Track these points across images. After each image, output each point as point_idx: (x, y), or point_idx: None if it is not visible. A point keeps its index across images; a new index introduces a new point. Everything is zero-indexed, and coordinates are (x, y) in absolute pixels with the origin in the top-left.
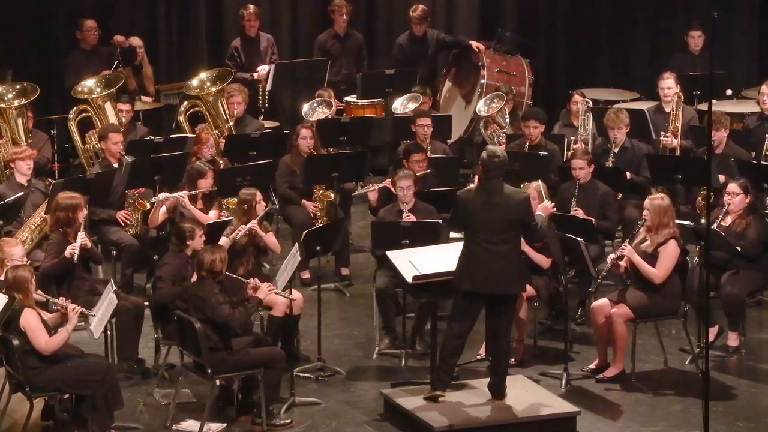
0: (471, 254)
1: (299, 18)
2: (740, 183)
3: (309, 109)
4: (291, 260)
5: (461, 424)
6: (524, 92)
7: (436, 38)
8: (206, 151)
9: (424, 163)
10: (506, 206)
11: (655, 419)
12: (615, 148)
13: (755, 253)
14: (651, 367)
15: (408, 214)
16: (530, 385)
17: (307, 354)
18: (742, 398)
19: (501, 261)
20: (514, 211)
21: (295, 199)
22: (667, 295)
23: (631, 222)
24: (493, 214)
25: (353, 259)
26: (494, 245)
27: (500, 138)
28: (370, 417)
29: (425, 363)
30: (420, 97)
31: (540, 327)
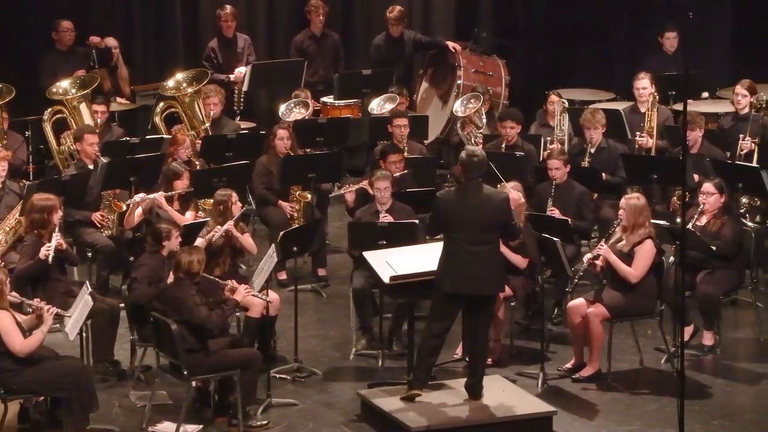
0: (451, 255)
1: (276, 18)
2: (715, 183)
3: (286, 109)
4: (268, 261)
5: (438, 425)
6: (501, 92)
7: (412, 39)
8: (182, 152)
9: (401, 163)
10: (486, 207)
11: (631, 418)
12: (591, 149)
13: (730, 253)
14: (627, 366)
15: (385, 214)
16: (507, 384)
17: (284, 355)
18: (717, 397)
19: (482, 262)
20: (494, 211)
21: (271, 199)
22: (643, 294)
23: (607, 222)
24: (474, 215)
25: (330, 260)
26: (475, 246)
27: (477, 138)
28: (347, 417)
29: (402, 363)
30: (397, 98)
31: (517, 327)
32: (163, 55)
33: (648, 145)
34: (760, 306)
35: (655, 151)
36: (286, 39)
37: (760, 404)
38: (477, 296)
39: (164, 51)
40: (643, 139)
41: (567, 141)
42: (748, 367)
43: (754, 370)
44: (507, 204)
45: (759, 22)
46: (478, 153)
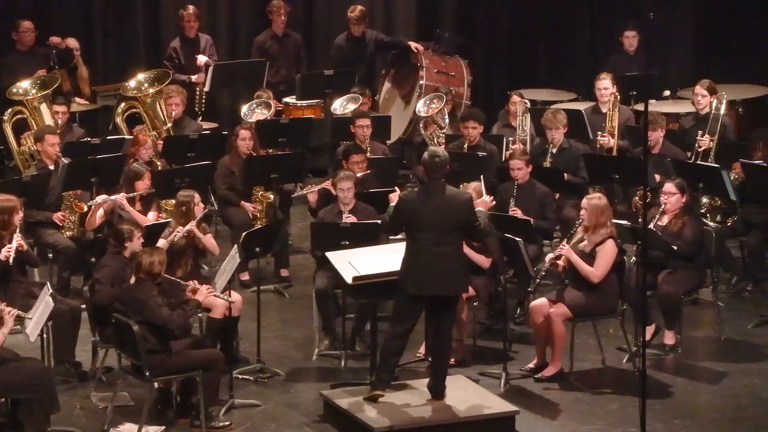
0: (415, 257)
1: (238, 19)
2: (676, 183)
3: (248, 110)
4: (230, 262)
5: (401, 425)
6: (463, 93)
7: (374, 39)
8: (144, 152)
9: (364, 164)
10: (450, 207)
11: (593, 418)
12: (553, 149)
13: (691, 252)
14: (589, 366)
15: (348, 215)
16: (469, 384)
17: (247, 356)
18: (678, 396)
19: (446, 262)
20: (457, 212)
21: (234, 200)
22: (605, 294)
23: (569, 222)
24: (437, 216)
25: (293, 261)
26: (438, 246)
27: (440, 138)
28: (309, 418)
29: (365, 364)
30: (359, 98)
31: (479, 327)
32: (124, 55)
33: (609, 145)
34: (721, 305)
35: (617, 151)
36: (247, 39)
37: (721, 403)
38: (441, 297)
39: (125, 51)
40: (604, 138)
41: (529, 141)
42: (709, 366)
43: (715, 369)
44: (470, 204)
45: (719, 22)
46: (440, 153)
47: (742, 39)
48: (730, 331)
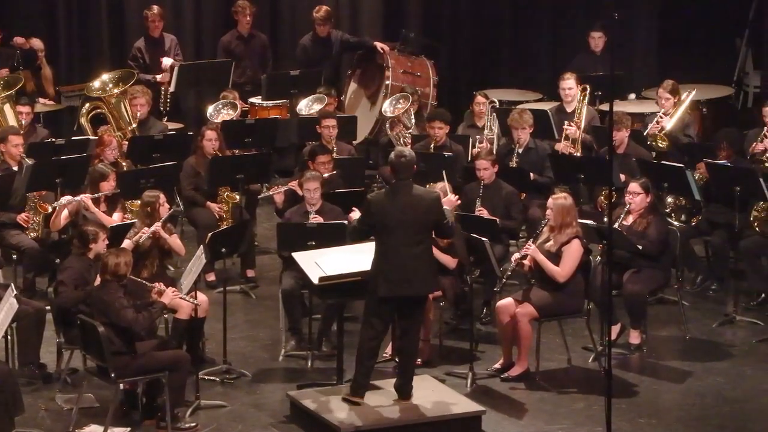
0: (385, 257)
1: (203, 19)
2: (641, 183)
3: (214, 110)
4: (196, 262)
5: (367, 425)
6: (429, 93)
7: (340, 39)
8: (109, 153)
9: (330, 164)
10: (418, 207)
11: (559, 417)
12: (519, 149)
13: (656, 252)
14: (555, 365)
15: (314, 215)
16: (436, 384)
17: (213, 357)
18: (643, 395)
19: (416, 262)
20: (426, 211)
21: (199, 201)
22: (571, 293)
23: (535, 221)
24: (406, 216)
25: (259, 261)
26: (408, 247)
27: (406, 138)
28: (276, 419)
29: (331, 364)
30: (325, 98)
31: (446, 327)
32: (88, 55)
33: (575, 135)
34: (686, 304)
35: (580, 145)
36: (213, 40)
37: (686, 402)
38: (411, 297)
39: (90, 51)
40: (571, 128)
41: (495, 141)
42: (674, 365)
43: (680, 368)
44: (438, 203)
45: (683, 23)
46: (406, 154)
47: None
48: (694, 330)
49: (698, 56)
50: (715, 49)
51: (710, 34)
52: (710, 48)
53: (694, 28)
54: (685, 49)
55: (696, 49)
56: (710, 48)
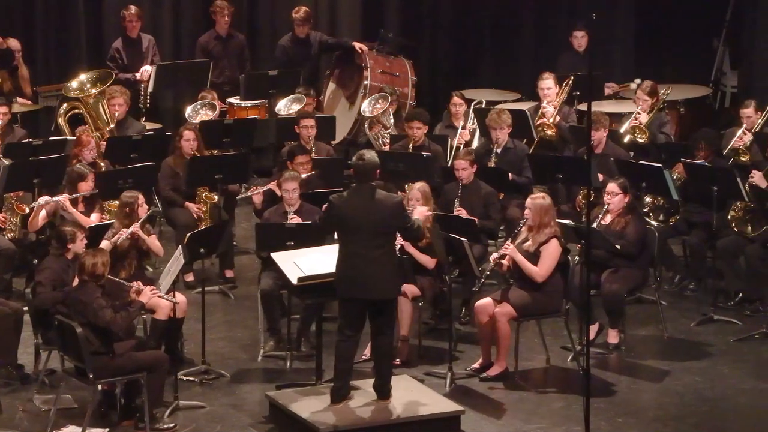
0: (345, 260)
1: (181, 19)
2: (619, 183)
3: (192, 111)
4: (174, 263)
5: (346, 425)
6: (407, 93)
7: (318, 40)
8: (87, 153)
9: (309, 164)
10: (379, 211)
11: (538, 417)
12: (497, 149)
13: (634, 252)
14: (534, 365)
15: (293, 215)
16: (415, 384)
17: (191, 357)
18: (622, 394)
19: (374, 266)
20: (385, 216)
21: (178, 201)
22: (549, 293)
23: (513, 221)
24: (365, 219)
25: (237, 261)
26: (367, 250)
27: (384, 139)
28: (255, 419)
29: (310, 364)
30: (304, 99)
31: (424, 327)
32: (66, 55)
33: (549, 115)
34: (664, 304)
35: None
36: (191, 40)
37: (665, 401)
38: (371, 300)
39: (67, 51)
40: (547, 108)
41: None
42: (652, 364)
43: (659, 367)
44: (399, 208)
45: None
46: (366, 156)
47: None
48: (672, 329)
49: (676, 56)
50: (692, 50)
51: (688, 35)
52: (688, 48)
53: (672, 29)
54: (662, 50)
55: (674, 49)
56: (688, 48)
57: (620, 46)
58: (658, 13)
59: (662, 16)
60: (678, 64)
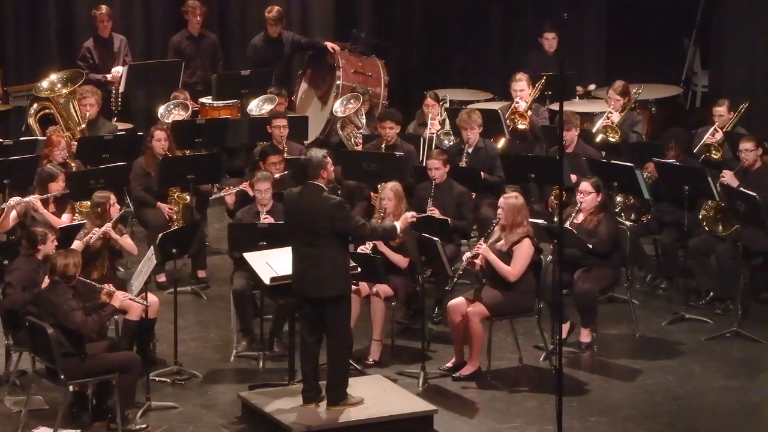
0: (292, 257)
1: (152, 19)
2: (592, 182)
3: (165, 111)
4: (146, 263)
5: (319, 425)
6: (380, 93)
7: (291, 40)
8: (58, 153)
9: (281, 164)
10: (315, 211)
11: (511, 416)
12: (469, 148)
13: (606, 250)
14: (506, 364)
15: (266, 216)
16: (388, 384)
17: (164, 358)
18: (594, 393)
19: (311, 264)
20: (320, 217)
21: (150, 201)
22: (522, 292)
23: (486, 221)
24: (304, 218)
25: (210, 262)
26: (305, 248)
27: (357, 138)
28: (227, 420)
29: (283, 365)
30: (276, 99)
31: (397, 326)
32: (36, 55)
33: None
34: (636, 303)
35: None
36: (163, 40)
37: (637, 400)
38: (308, 298)
39: (38, 51)
40: (519, 103)
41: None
42: (624, 363)
43: (630, 366)
44: (336, 210)
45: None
46: (313, 156)
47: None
48: (644, 328)
49: (647, 56)
50: (663, 50)
51: (659, 35)
52: (659, 48)
53: (643, 29)
54: (634, 50)
55: (645, 49)
56: (659, 48)
57: (591, 46)
58: (630, 13)
59: (633, 16)
60: (649, 64)
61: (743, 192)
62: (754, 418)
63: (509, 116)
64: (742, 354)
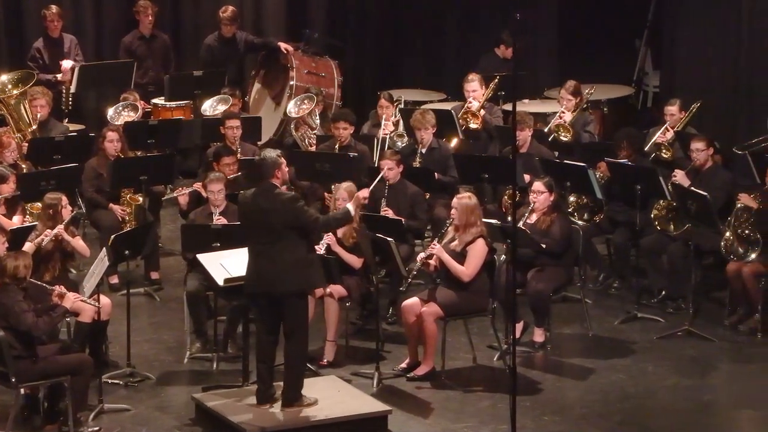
0: (249, 256)
1: (103, 19)
2: (545, 182)
3: (114, 112)
4: (99, 265)
5: (273, 426)
6: (333, 93)
7: (244, 39)
8: (8, 155)
9: (235, 165)
10: (271, 208)
11: (465, 416)
12: (422, 149)
13: (559, 250)
14: (461, 364)
15: (219, 217)
16: (342, 385)
17: (116, 360)
18: (547, 392)
19: (271, 261)
20: (276, 213)
21: (102, 203)
22: (476, 292)
23: (440, 221)
24: (262, 216)
25: (163, 263)
26: (264, 246)
27: (311, 139)
28: (180, 422)
29: (237, 366)
30: (229, 99)
31: (351, 327)
32: None
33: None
34: (589, 302)
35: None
36: (114, 40)
37: (590, 399)
38: (273, 296)
39: None
40: (471, 104)
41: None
42: (577, 362)
43: (584, 365)
44: (292, 204)
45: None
46: (267, 156)
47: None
48: (597, 327)
49: (599, 57)
50: (615, 50)
51: (610, 35)
52: (611, 48)
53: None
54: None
55: (597, 49)
56: (611, 48)
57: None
58: (581, 14)
59: (585, 16)
60: (601, 64)
61: (694, 191)
62: (705, 416)
63: (462, 116)
64: (693, 352)
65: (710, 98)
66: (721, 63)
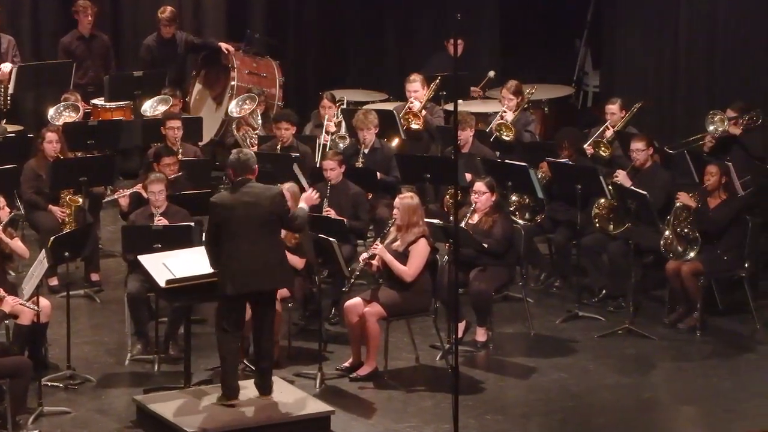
0: (231, 256)
1: (41, 19)
2: (486, 182)
3: (55, 112)
4: (38, 267)
5: (215, 428)
6: (275, 94)
7: (184, 40)
8: None
9: (176, 166)
10: (260, 202)
11: (408, 415)
12: (365, 149)
13: (501, 250)
14: (403, 364)
15: (160, 218)
16: (284, 386)
17: (56, 362)
18: (490, 392)
19: (263, 256)
20: (267, 206)
21: (41, 204)
22: (418, 292)
23: (382, 221)
24: (250, 212)
25: (104, 265)
26: (254, 242)
27: (252, 139)
28: (122, 424)
29: (179, 367)
30: (170, 100)
31: (294, 328)
32: None
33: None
34: (531, 301)
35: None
36: (52, 40)
37: (532, 398)
38: (262, 292)
39: None
40: (413, 104)
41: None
42: (519, 361)
43: (526, 364)
44: (280, 197)
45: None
46: (246, 152)
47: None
48: (539, 326)
49: (539, 56)
50: (555, 50)
51: (551, 35)
52: (551, 48)
53: (535, 29)
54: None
55: (537, 49)
56: (551, 48)
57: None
58: (522, 14)
59: (526, 16)
60: (541, 64)
61: (634, 190)
62: (645, 413)
63: (404, 116)
64: (634, 351)
65: (649, 98)
66: (659, 63)
